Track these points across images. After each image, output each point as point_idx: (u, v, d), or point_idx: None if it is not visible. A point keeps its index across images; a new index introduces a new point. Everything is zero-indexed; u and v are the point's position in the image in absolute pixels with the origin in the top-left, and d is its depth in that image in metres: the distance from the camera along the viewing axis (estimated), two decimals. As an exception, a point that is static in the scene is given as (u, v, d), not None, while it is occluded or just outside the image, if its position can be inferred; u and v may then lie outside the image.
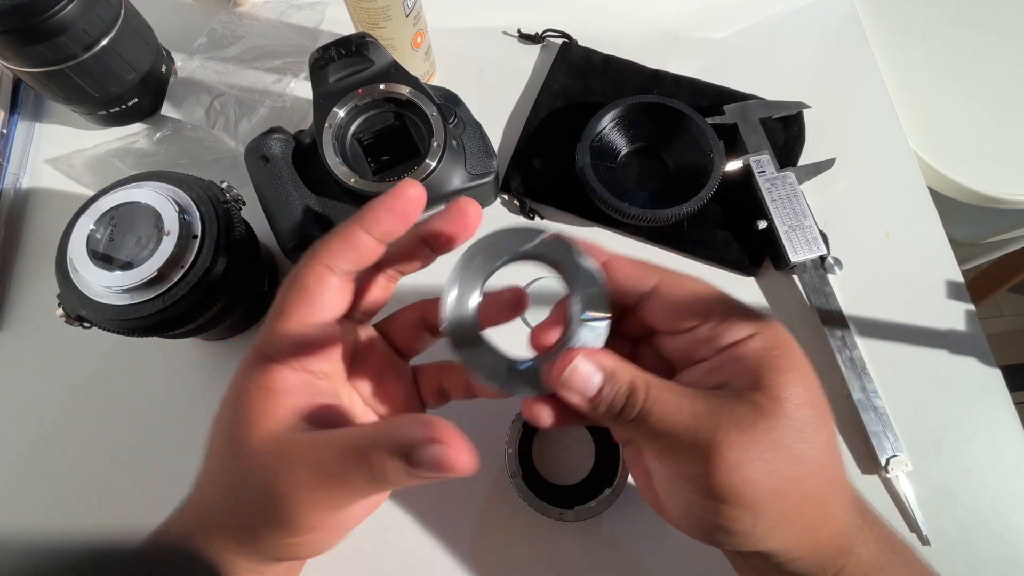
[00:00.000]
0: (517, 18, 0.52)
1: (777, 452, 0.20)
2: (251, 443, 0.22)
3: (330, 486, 0.21)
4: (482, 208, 0.43)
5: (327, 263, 0.23)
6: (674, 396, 0.21)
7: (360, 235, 0.23)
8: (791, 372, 0.21)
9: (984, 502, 0.36)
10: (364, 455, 0.20)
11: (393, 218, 0.23)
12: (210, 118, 0.46)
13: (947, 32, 0.63)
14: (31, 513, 0.38)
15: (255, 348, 0.24)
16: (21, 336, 0.42)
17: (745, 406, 0.21)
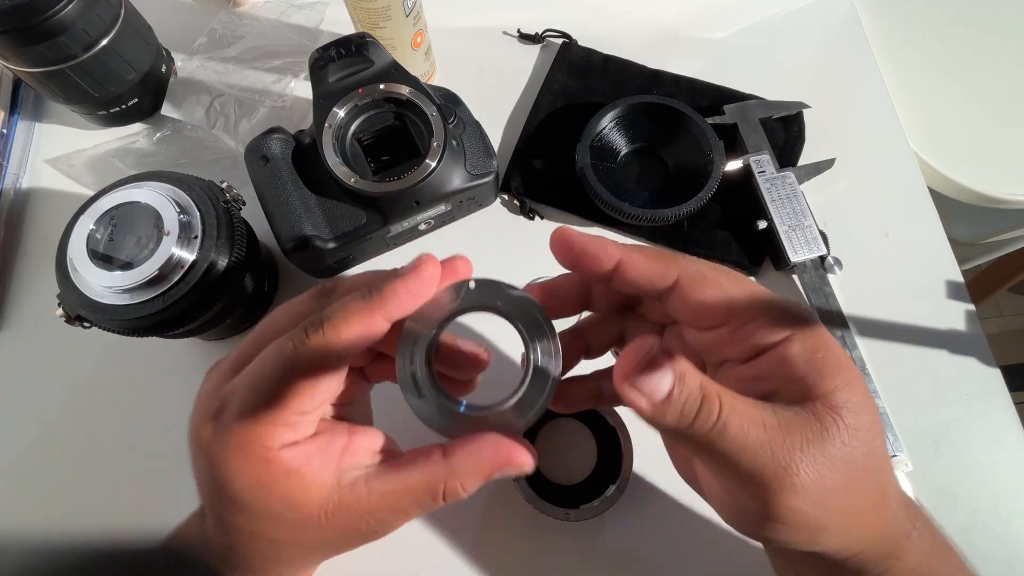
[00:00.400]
0: (517, 18, 0.52)
1: (848, 469, 0.19)
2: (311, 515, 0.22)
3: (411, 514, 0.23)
4: (483, 206, 0.43)
5: (338, 352, 0.21)
6: (751, 409, 0.20)
7: (380, 322, 0.22)
8: (840, 375, 0.20)
9: (984, 502, 0.36)
10: (438, 494, 0.22)
11: (414, 302, 0.22)
12: (210, 118, 0.46)
13: (947, 32, 0.63)
14: (31, 513, 0.38)
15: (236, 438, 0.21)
16: (21, 336, 0.42)
17: (810, 422, 0.19)
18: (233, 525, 0.23)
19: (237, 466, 0.22)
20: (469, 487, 0.23)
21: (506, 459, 0.22)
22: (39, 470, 0.39)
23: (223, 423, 0.22)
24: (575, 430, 0.37)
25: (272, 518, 0.22)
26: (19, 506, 0.38)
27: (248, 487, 0.22)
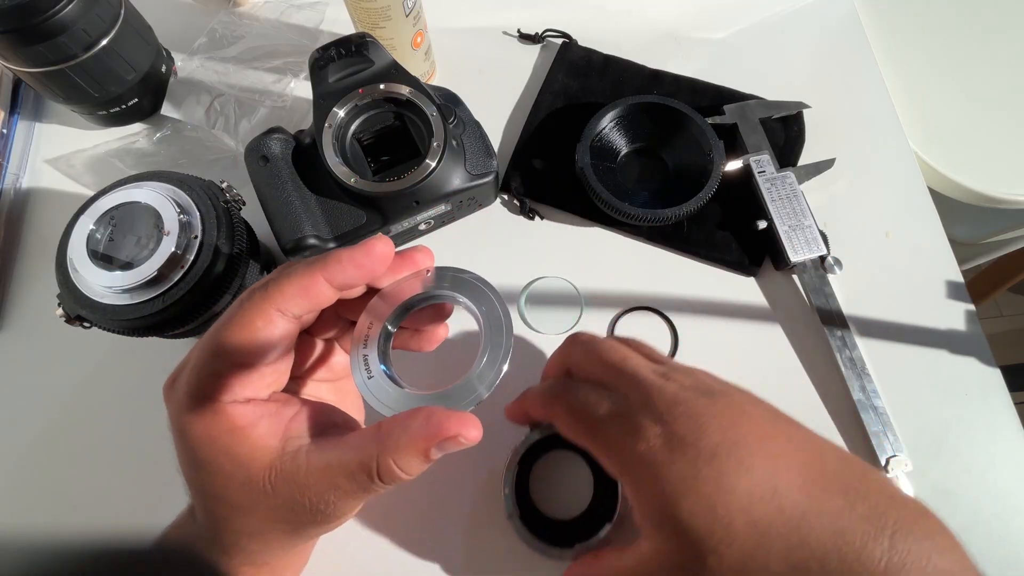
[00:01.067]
0: (517, 18, 0.52)
1: None
2: (257, 478, 0.22)
3: (352, 495, 0.22)
4: (483, 206, 0.43)
5: (279, 306, 0.23)
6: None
7: (320, 283, 0.23)
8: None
9: (984, 502, 0.36)
10: (372, 472, 0.22)
11: (358, 272, 0.23)
12: (210, 118, 0.46)
13: (947, 32, 0.63)
14: (31, 513, 0.38)
15: (189, 391, 0.23)
16: (21, 336, 0.42)
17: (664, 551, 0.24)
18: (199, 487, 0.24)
19: (189, 420, 0.23)
20: (404, 465, 0.22)
21: (439, 429, 0.21)
22: (39, 470, 0.39)
23: (180, 381, 0.24)
24: (572, 462, 0.36)
25: (224, 475, 0.23)
26: (19, 506, 0.38)
27: (199, 441, 0.23)
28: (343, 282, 0.23)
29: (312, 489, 0.22)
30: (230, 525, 0.24)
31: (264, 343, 0.23)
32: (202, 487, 0.24)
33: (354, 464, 0.22)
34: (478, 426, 0.21)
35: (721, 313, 0.41)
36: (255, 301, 0.23)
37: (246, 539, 0.24)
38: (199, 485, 0.24)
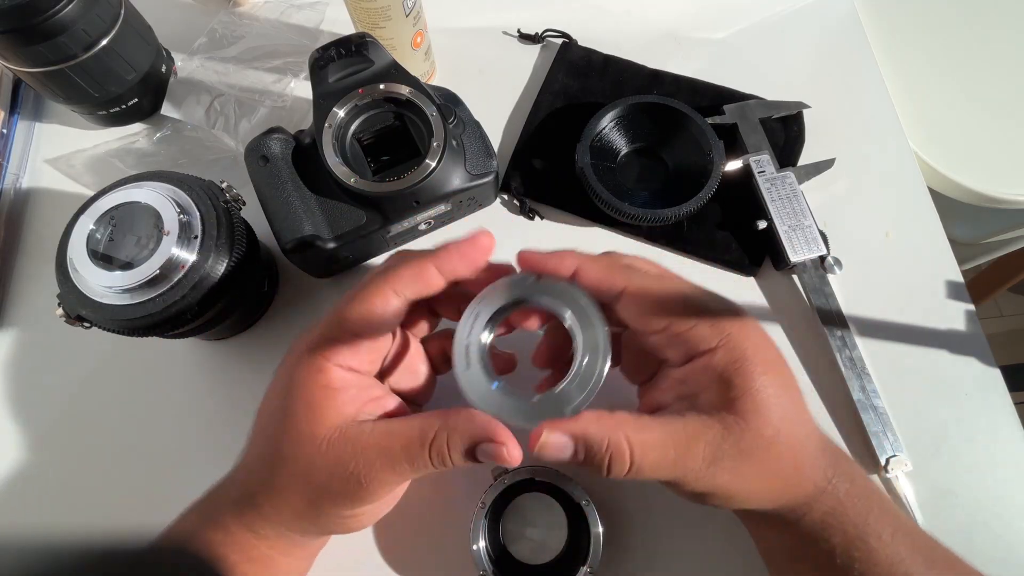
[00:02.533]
0: (517, 18, 0.52)
1: (744, 460, 0.24)
2: (319, 433, 0.25)
3: (397, 465, 0.25)
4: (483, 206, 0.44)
5: (395, 288, 0.26)
6: (660, 438, 0.24)
7: (431, 270, 0.26)
8: (751, 385, 0.25)
9: (984, 502, 0.36)
10: (427, 442, 0.24)
11: (464, 262, 0.26)
12: (210, 118, 0.46)
13: (947, 32, 0.63)
14: (31, 513, 0.38)
15: (308, 346, 0.26)
16: (21, 336, 0.42)
17: (713, 428, 0.24)
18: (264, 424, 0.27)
19: (298, 367, 0.26)
20: (454, 447, 0.24)
21: (494, 433, 0.24)
22: (39, 470, 0.39)
23: (307, 336, 0.27)
24: (545, 505, 0.35)
25: (294, 420, 0.26)
26: (19, 506, 0.38)
27: (296, 384, 0.26)
28: (451, 270, 0.26)
29: (365, 453, 0.25)
30: (262, 473, 0.27)
31: (378, 318, 0.26)
32: (267, 427, 0.27)
33: (415, 431, 0.25)
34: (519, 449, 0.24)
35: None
36: (376, 282, 0.26)
37: (263, 496, 0.26)
38: (265, 424, 0.27)
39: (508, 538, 0.35)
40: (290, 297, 0.43)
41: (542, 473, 0.34)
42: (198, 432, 0.39)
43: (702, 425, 0.24)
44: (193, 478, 0.31)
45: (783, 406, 0.25)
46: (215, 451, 0.32)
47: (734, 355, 0.25)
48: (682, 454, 0.24)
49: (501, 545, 0.35)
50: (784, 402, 0.25)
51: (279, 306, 0.42)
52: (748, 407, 0.24)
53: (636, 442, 0.24)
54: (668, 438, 0.24)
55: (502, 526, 0.35)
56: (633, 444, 0.24)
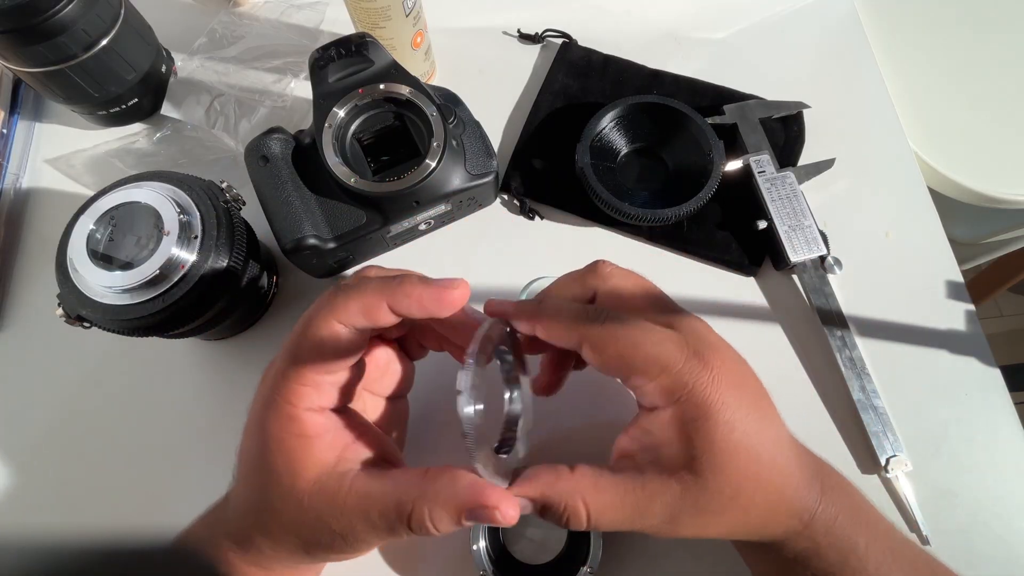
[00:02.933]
0: (517, 18, 0.52)
1: (703, 516, 0.24)
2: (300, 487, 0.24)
3: (378, 531, 0.24)
4: (483, 206, 0.43)
5: (341, 319, 0.24)
6: (613, 500, 0.24)
7: (383, 308, 0.24)
8: (711, 444, 0.24)
9: (984, 502, 0.36)
10: (404, 515, 0.23)
11: (420, 310, 0.24)
12: (210, 118, 0.46)
13: (947, 32, 0.63)
14: (31, 513, 0.38)
15: (273, 391, 0.25)
16: (21, 336, 0.42)
17: (671, 489, 0.24)
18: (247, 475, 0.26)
19: (268, 416, 0.25)
20: (437, 518, 0.23)
21: (482, 498, 0.23)
22: (39, 470, 0.39)
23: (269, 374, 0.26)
24: None
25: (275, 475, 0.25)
26: (19, 506, 0.38)
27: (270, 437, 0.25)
28: (405, 313, 0.24)
29: (344, 515, 0.24)
30: (254, 519, 0.26)
31: (330, 351, 0.24)
32: (249, 476, 0.26)
33: (391, 501, 0.23)
34: (516, 507, 0.23)
35: (721, 313, 0.41)
36: (322, 313, 0.25)
37: (261, 538, 0.26)
38: (248, 473, 0.26)
39: (508, 538, 0.35)
40: (290, 297, 0.43)
41: None
42: (198, 432, 0.39)
43: (660, 485, 0.24)
44: (193, 478, 0.31)
45: (751, 457, 0.24)
46: (215, 451, 0.32)
47: (694, 411, 0.24)
48: (639, 513, 0.24)
49: (501, 545, 0.35)
50: (753, 451, 0.24)
51: (279, 306, 0.42)
52: (706, 466, 0.24)
53: (592, 504, 0.24)
54: (624, 498, 0.24)
55: (502, 528, 0.35)
56: (589, 505, 0.24)
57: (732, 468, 0.24)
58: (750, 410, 0.25)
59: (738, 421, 0.24)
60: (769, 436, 0.25)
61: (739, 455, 0.24)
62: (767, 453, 0.25)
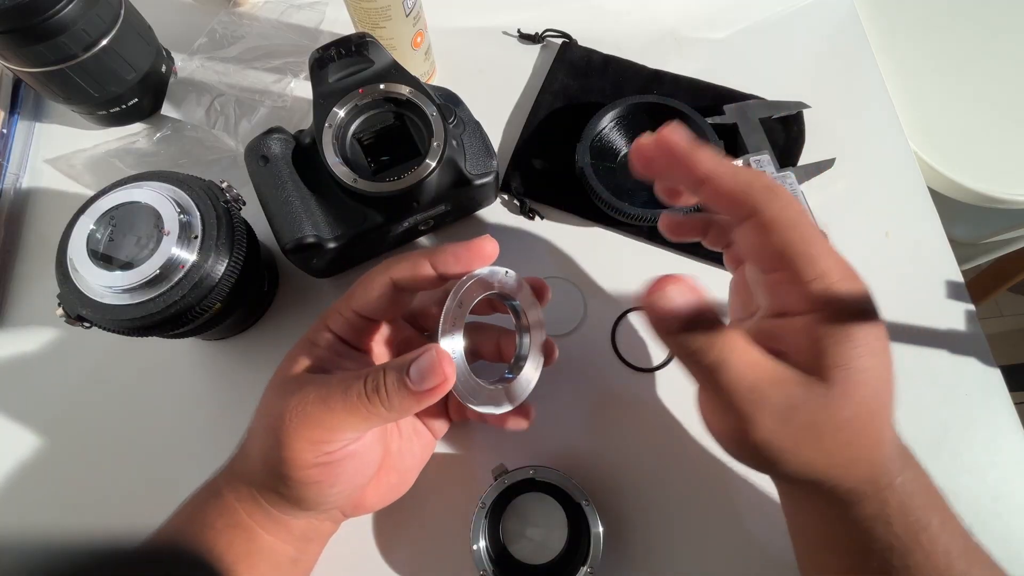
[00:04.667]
0: (517, 18, 0.52)
1: (821, 427, 0.23)
2: (280, 376, 0.29)
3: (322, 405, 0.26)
4: (483, 206, 0.44)
5: (392, 274, 0.29)
6: (754, 356, 0.24)
7: (425, 265, 0.29)
8: (849, 363, 0.23)
9: (984, 502, 0.36)
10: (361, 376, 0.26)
11: (458, 263, 0.29)
12: (210, 118, 0.46)
13: (947, 32, 0.63)
14: (31, 513, 0.38)
15: (319, 316, 0.31)
16: (21, 336, 0.42)
17: (800, 385, 0.23)
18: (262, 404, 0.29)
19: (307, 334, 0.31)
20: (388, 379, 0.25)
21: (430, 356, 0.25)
22: (39, 470, 0.39)
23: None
24: (546, 505, 0.35)
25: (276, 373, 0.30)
26: (19, 506, 0.38)
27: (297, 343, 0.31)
28: (443, 268, 0.29)
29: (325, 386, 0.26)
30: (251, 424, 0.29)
31: (375, 297, 0.29)
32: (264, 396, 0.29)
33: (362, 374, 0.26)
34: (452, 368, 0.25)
35: (721, 313, 0.41)
36: (378, 268, 0.30)
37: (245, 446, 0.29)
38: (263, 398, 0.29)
39: (508, 538, 0.35)
40: (290, 297, 0.43)
41: (542, 473, 0.34)
42: (198, 432, 0.39)
43: (793, 374, 0.24)
44: (193, 478, 0.31)
45: (872, 394, 0.24)
46: (215, 451, 0.32)
47: (837, 327, 0.24)
48: (763, 389, 0.23)
49: (501, 545, 0.35)
50: (874, 390, 0.24)
51: (279, 306, 0.42)
52: (837, 379, 0.23)
53: (731, 342, 0.24)
54: (758, 360, 0.24)
55: (502, 526, 0.35)
56: (728, 341, 0.24)
57: (857, 395, 0.23)
58: (883, 356, 0.24)
59: (873, 356, 0.24)
60: (889, 388, 0.25)
61: (865, 386, 0.23)
62: (883, 400, 0.25)
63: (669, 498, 0.37)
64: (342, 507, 0.31)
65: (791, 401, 0.23)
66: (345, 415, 0.25)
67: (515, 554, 0.35)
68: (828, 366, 0.23)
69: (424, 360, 0.25)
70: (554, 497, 0.35)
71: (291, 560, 0.30)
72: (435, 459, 0.37)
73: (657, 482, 0.37)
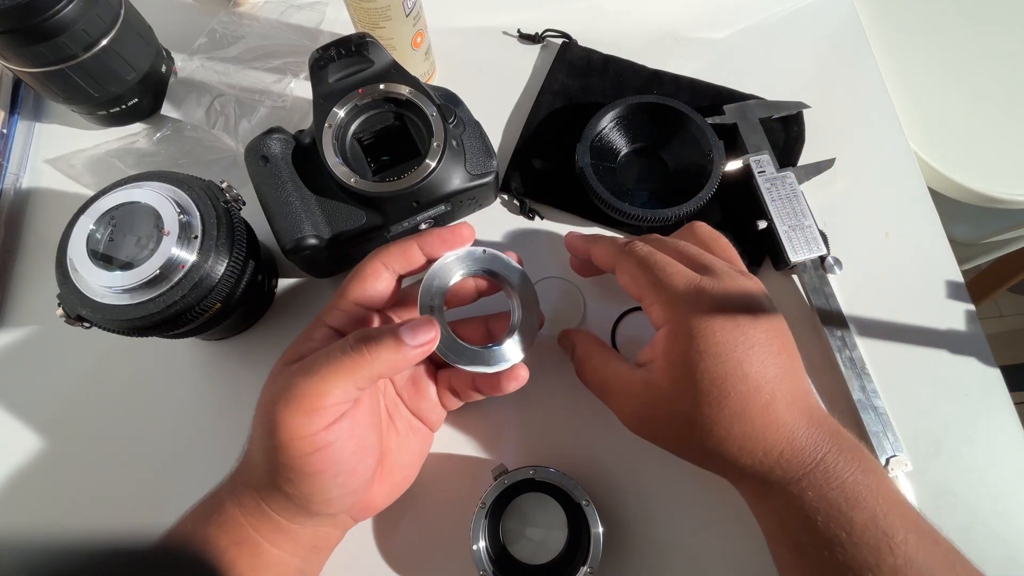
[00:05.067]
0: (517, 18, 0.52)
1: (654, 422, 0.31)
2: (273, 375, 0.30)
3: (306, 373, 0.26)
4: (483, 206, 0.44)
5: (384, 261, 0.31)
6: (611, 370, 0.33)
7: (414, 248, 0.31)
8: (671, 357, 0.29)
9: (984, 502, 0.36)
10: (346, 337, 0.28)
11: (443, 244, 0.32)
12: (210, 118, 0.46)
13: (947, 32, 0.63)
14: (32, 513, 0.38)
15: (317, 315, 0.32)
16: (21, 336, 0.42)
17: (640, 386, 0.31)
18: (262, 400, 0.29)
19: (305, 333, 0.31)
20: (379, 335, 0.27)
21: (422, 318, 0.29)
22: (39, 470, 0.39)
23: None
24: (546, 505, 0.35)
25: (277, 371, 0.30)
26: (19, 506, 0.38)
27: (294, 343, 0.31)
28: (431, 251, 0.31)
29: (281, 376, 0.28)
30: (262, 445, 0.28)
31: (370, 285, 0.31)
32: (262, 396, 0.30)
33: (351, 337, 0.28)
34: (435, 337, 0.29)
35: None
36: (367, 258, 0.31)
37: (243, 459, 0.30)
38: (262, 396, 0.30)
39: (508, 538, 0.35)
40: (290, 297, 0.43)
41: (542, 473, 0.34)
42: (198, 432, 0.39)
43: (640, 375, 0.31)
44: (193, 478, 0.31)
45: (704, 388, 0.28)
46: (215, 451, 0.32)
47: (677, 335, 0.29)
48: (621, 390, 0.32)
49: (501, 545, 0.35)
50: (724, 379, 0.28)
51: (279, 306, 0.42)
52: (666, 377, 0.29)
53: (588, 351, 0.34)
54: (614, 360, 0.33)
55: (502, 526, 0.35)
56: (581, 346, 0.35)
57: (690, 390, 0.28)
58: (742, 352, 0.28)
59: (719, 354, 0.28)
60: (761, 376, 0.28)
61: (691, 380, 0.28)
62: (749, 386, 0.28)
63: (669, 498, 0.37)
64: (349, 509, 0.31)
65: (639, 399, 0.30)
66: (331, 375, 0.26)
67: (515, 554, 0.35)
68: (658, 367, 0.30)
69: (417, 320, 0.28)
70: (554, 497, 0.35)
71: (298, 572, 0.30)
72: (435, 459, 0.37)
73: (657, 482, 0.37)
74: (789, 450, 0.28)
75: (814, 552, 0.27)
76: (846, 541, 0.26)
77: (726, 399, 0.28)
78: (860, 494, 0.27)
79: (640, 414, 0.31)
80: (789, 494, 0.28)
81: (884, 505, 0.26)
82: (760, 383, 0.28)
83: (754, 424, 0.28)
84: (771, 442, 0.28)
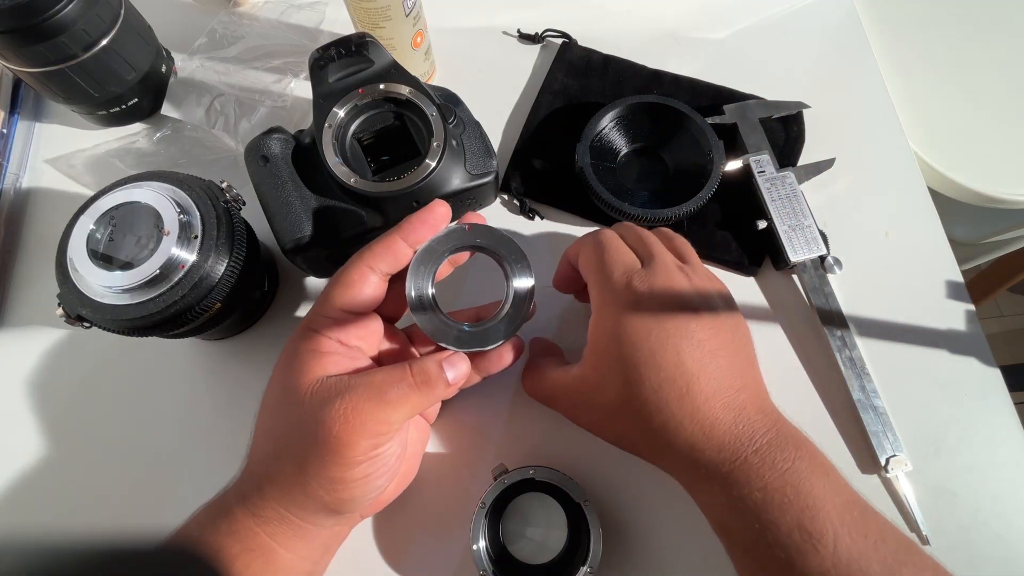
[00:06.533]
0: (517, 18, 0.52)
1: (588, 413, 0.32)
2: (303, 387, 0.28)
3: (377, 400, 0.27)
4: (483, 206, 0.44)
5: (369, 264, 0.30)
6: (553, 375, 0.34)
7: (398, 243, 0.30)
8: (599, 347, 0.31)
9: (984, 502, 0.36)
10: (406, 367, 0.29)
11: (425, 229, 0.31)
12: (210, 118, 0.46)
13: (947, 32, 0.63)
14: (32, 514, 0.38)
15: (304, 324, 0.30)
16: (21, 336, 0.42)
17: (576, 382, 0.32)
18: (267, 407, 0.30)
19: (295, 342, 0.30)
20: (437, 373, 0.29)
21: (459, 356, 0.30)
22: (40, 470, 0.39)
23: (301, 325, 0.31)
24: (546, 505, 0.35)
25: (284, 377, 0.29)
26: (19, 506, 0.38)
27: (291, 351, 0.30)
28: (415, 240, 0.30)
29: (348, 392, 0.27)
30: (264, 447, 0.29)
31: (357, 289, 0.30)
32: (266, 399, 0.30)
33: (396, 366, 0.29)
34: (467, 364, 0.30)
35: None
36: (352, 262, 0.30)
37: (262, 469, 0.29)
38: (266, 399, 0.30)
39: (508, 538, 0.35)
40: (290, 297, 0.43)
41: (542, 473, 0.34)
42: (198, 432, 0.39)
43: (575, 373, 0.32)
44: (193, 478, 0.31)
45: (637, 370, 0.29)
46: (215, 451, 0.32)
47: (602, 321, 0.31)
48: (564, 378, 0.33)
49: (501, 545, 0.35)
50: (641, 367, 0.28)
51: (279, 306, 0.42)
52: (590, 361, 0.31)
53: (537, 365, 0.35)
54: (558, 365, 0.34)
55: (502, 526, 0.35)
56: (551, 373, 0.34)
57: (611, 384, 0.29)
58: (656, 342, 0.28)
59: (634, 343, 0.29)
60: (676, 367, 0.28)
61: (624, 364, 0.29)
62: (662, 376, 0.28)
63: (669, 498, 0.36)
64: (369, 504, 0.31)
65: (574, 396, 0.32)
66: (399, 405, 0.28)
67: (515, 554, 0.35)
68: (587, 359, 0.31)
69: (455, 359, 0.30)
70: (554, 497, 0.35)
71: (307, 575, 0.31)
72: (435, 459, 0.37)
73: (657, 482, 0.37)
74: (708, 445, 0.27)
75: (741, 543, 0.27)
76: (772, 542, 0.25)
77: (641, 387, 0.28)
78: (787, 496, 0.26)
79: (580, 410, 0.32)
80: (713, 490, 0.28)
81: (816, 506, 0.26)
82: (675, 374, 0.28)
83: (672, 413, 0.28)
84: (689, 433, 0.28)
